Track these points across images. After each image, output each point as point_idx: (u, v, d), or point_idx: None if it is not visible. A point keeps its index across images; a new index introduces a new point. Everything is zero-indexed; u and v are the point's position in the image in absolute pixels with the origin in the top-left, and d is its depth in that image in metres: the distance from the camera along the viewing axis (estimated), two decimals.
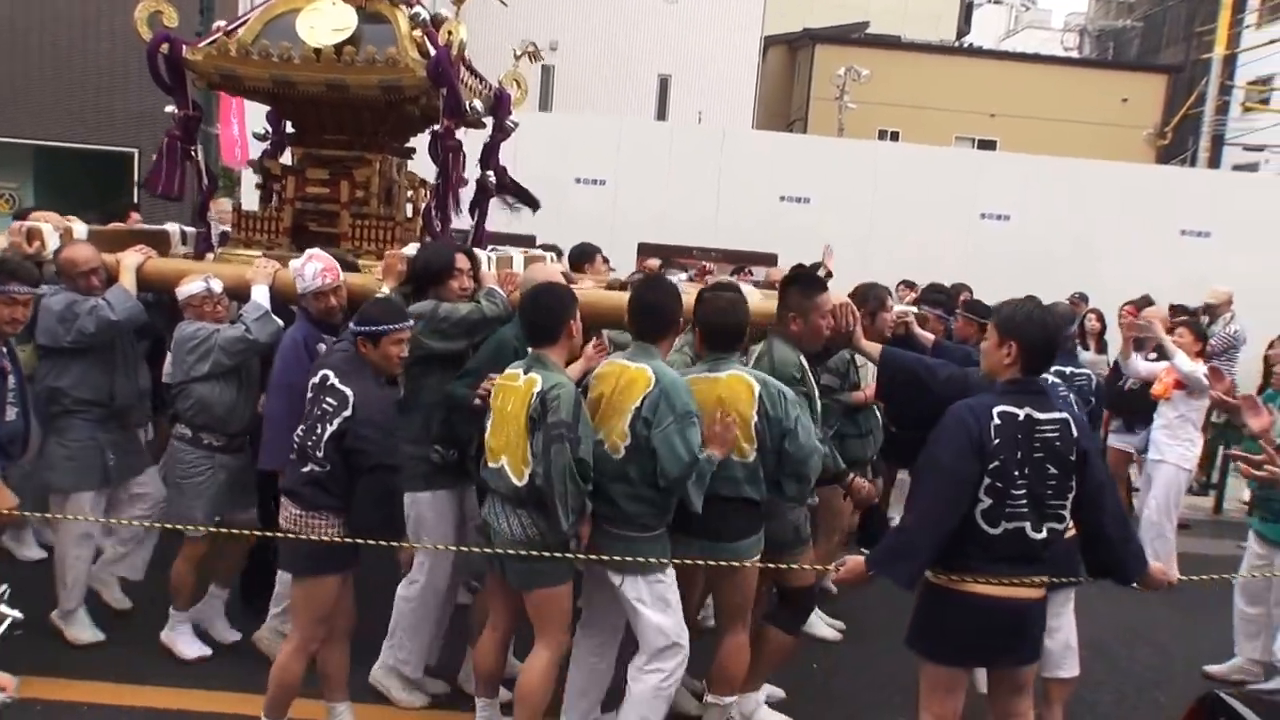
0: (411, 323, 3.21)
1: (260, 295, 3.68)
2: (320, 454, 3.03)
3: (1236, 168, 20.92)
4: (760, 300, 3.73)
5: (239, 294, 3.75)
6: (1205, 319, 8.23)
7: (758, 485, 3.18)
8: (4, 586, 1.63)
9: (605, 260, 5.71)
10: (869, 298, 4.11)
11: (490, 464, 3.09)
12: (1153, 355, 6.18)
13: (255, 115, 6.33)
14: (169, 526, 3.80)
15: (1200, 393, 5.58)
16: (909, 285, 8.56)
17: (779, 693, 3.87)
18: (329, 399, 3.05)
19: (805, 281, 3.50)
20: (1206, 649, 4.89)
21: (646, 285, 3.34)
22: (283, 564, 3.34)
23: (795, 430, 3.11)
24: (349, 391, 3.03)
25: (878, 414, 4.51)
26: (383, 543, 3.03)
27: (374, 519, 3.05)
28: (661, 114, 20.37)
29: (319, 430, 3.04)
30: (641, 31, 20.06)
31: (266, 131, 4.73)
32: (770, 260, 10.73)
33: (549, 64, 19.18)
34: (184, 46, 4.15)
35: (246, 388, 3.78)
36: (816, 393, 3.44)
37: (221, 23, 4.32)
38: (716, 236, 11.41)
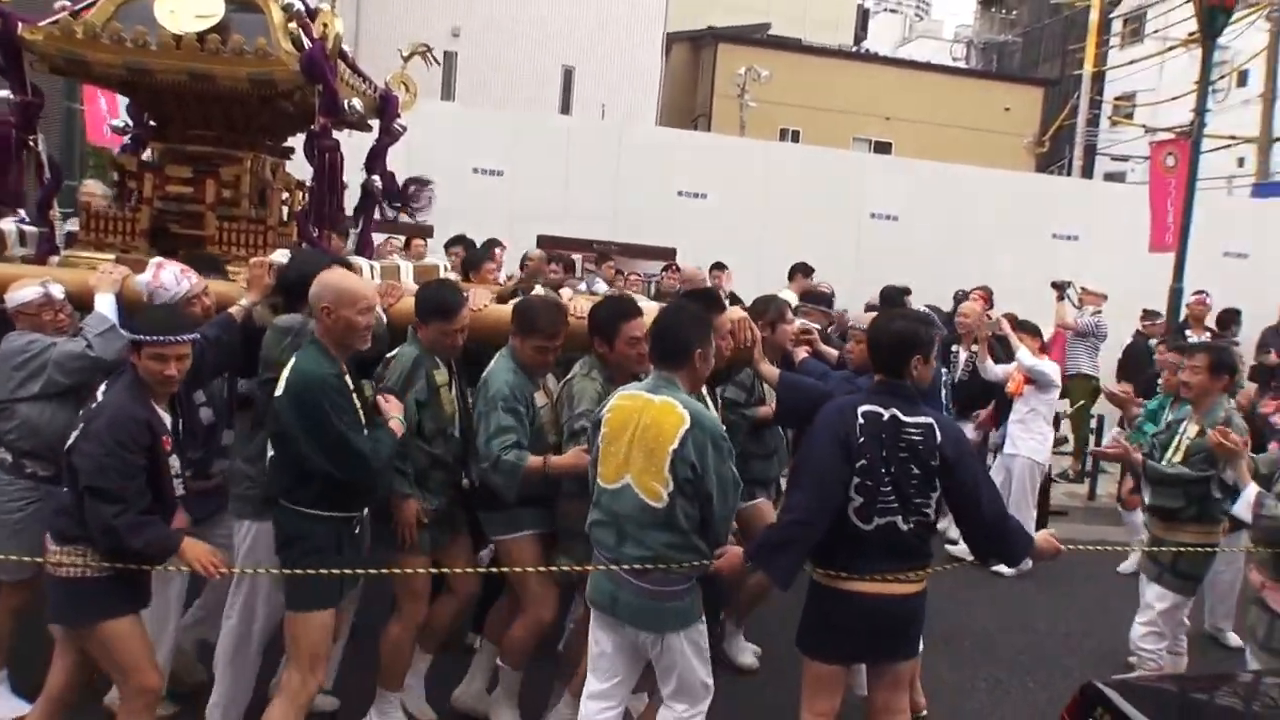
0: (184, 339, 2.81)
1: (105, 305, 3.23)
2: (67, 474, 2.69)
3: (1108, 176, 22.37)
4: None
5: (80, 303, 3.35)
6: (1076, 302, 8.83)
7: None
8: None
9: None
10: (769, 309, 4.01)
11: None
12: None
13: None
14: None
15: (1047, 386, 6.05)
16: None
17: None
18: (91, 405, 2.74)
19: (703, 302, 3.38)
20: (1078, 634, 5.18)
21: (671, 310, 3.10)
22: (54, 615, 2.84)
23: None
24: (98, 399, 2.71)
25: (782, 432, 4.36)
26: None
27: (112, 550, 2.64)
28: (566, 106, 20.21)
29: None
30: (546, 21, 19.84)
31: (126, 124, 4.38)
32: (669, 254, 10.85)
33: (451, 50, 18.76)
34: (19, 24, 3.76)
35: None
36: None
37: (66, 1, 3.92)
38: (614, 230, 11.42)
